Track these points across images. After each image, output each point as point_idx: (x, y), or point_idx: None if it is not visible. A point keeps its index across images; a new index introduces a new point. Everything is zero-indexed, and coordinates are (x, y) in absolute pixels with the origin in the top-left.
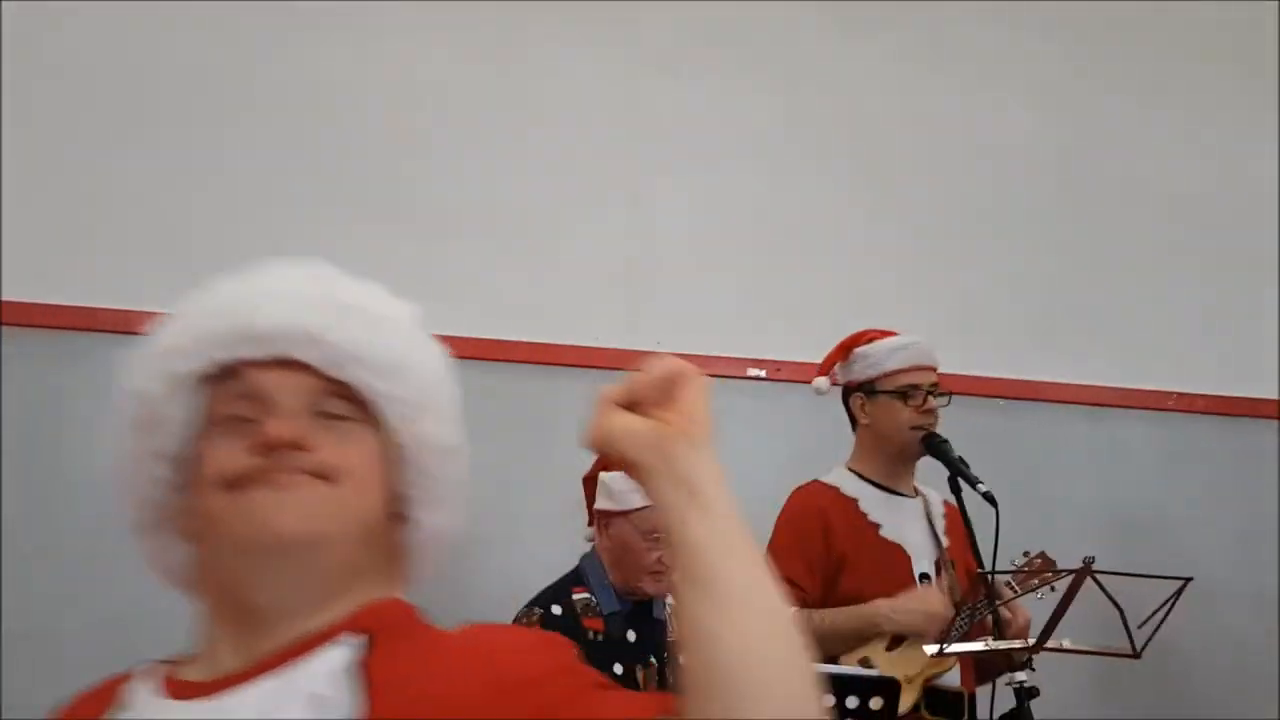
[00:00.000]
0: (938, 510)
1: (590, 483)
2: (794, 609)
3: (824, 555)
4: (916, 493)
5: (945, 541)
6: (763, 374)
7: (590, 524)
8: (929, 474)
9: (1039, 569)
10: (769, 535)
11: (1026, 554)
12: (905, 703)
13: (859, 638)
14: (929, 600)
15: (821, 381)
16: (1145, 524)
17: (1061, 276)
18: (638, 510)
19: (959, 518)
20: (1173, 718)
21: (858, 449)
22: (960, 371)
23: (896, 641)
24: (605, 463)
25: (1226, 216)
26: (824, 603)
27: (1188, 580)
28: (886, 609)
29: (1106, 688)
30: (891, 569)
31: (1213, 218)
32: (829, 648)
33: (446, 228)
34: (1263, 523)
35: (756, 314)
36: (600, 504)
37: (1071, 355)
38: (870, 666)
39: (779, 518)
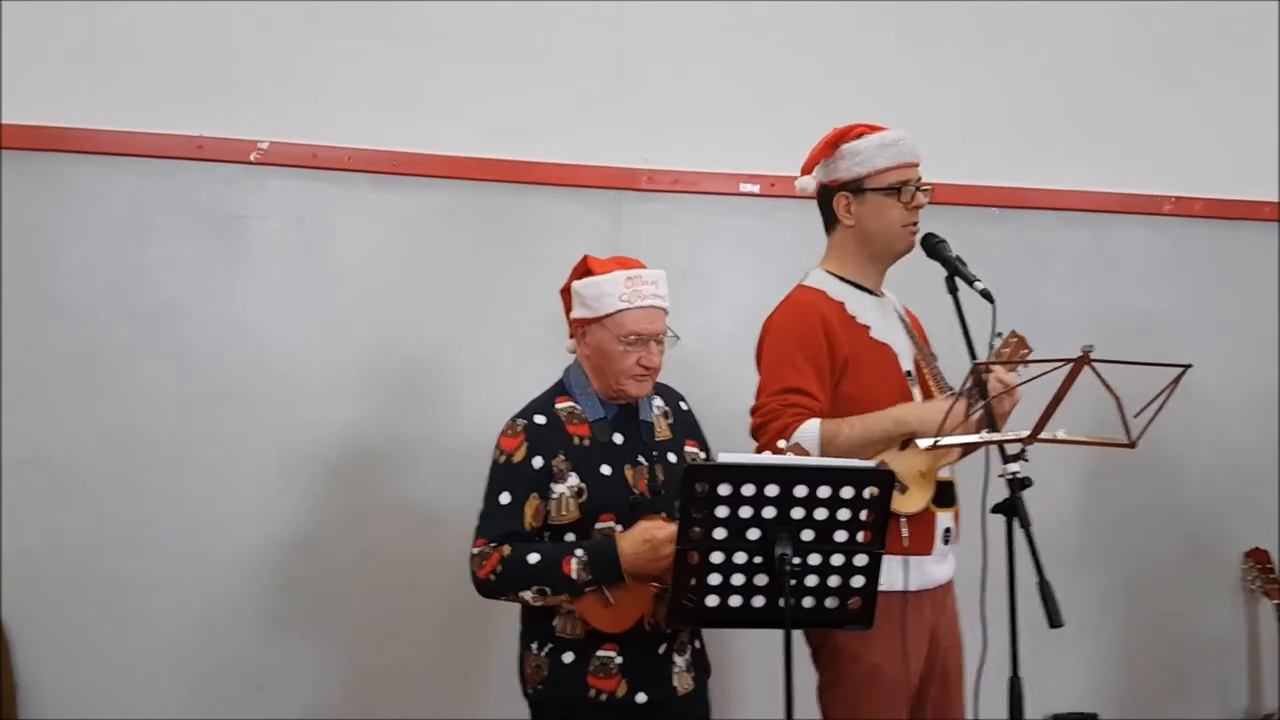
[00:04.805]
0: (901, 311)
1: (567, 294)
2: (819, 421)
3: (830, 362)
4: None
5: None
6: (756, 189)
7: (571, 335)
8: (911, 278)
9: (1016, 346)
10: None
11: (999, 334)
12: (922, 500)
13: (887, 440)
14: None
15: (805, 180)
16: (1141, 330)
17: (1056, 81)
18: (613, 315)
19: (916, 321)
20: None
21: (835, 250)
22: (956, 180)
23: (908, 442)
24: (579, 272)
25: (1224, 17)
26: (830, 409)
27: (1186, 367)
28: (916, 410)
29: (1099, 495)
30: (885, 370)
31: (1211, 19)
32: (859, 455)
33: (432, 45)
34: (1261, 327)
35: (749, 128)
36: (577, 313)
37: (1067, 161)
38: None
39: (777, 325)
